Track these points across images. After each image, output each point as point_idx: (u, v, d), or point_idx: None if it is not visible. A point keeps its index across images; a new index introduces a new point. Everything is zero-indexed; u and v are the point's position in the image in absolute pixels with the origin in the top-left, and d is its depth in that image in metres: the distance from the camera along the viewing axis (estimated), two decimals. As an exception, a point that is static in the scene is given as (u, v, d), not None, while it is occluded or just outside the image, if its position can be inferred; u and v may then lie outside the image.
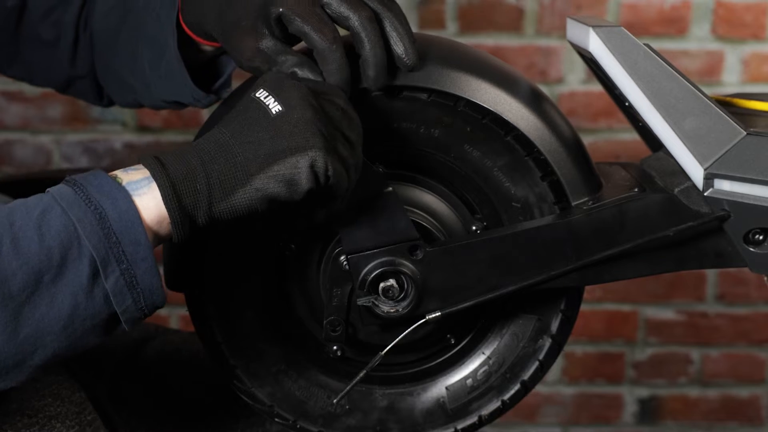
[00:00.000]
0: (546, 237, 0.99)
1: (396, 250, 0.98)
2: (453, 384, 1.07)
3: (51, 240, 0.80)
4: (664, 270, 1.01)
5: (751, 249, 0.99)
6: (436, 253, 0.99)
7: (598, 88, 1.41)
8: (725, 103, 1.07)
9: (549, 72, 2.10)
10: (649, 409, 2.30)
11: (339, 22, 0.93)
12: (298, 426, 1.06)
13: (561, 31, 2.06)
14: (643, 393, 2.29)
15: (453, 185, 1.03)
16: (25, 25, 1.20)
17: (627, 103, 0.99)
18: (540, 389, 2.23)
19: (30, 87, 2.08)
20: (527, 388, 1.06)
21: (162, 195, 0.83)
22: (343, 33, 0.94)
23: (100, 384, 1.16)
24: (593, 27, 0.96)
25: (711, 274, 2.21)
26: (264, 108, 0.87)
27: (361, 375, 0.98)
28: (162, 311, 1.13)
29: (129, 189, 0.83)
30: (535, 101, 1.00)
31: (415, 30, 2.08)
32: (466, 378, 1.07)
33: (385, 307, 0.99)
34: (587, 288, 1.06)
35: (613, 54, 0.96)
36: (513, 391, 1.06)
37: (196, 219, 0.85)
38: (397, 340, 0.98)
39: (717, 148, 0.96)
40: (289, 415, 1.06)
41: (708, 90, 1.04)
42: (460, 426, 1.07)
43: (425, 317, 0.99)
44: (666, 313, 2.24)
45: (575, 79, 2.10)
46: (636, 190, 1.01)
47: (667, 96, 0.96)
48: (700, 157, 0.96)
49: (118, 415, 1.16)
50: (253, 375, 1.04)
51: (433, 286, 0.99)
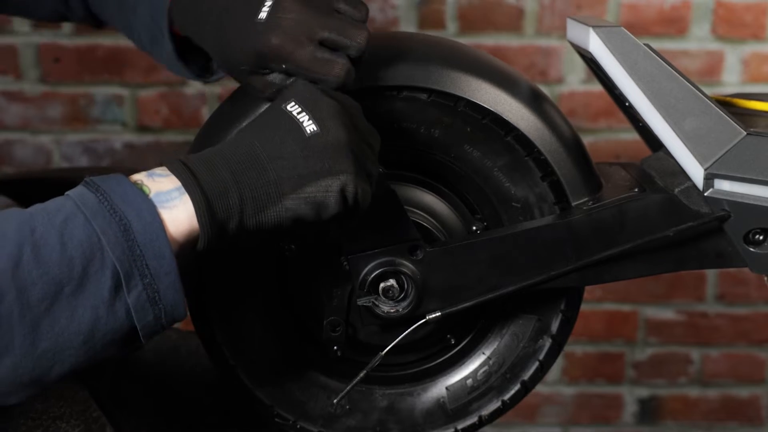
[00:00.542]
0: (546, 237, 0.99)
1: (396, 250, 0.99)
2: (453, 384, 1.07)
3: (73, 250, 0.78)
4: (664, 270, 1.01)
5: (751, 249, 0.99)
6: (436, 254, 0.99)
7: (598, 88, 1.41)
8: (725, 103, 1.07)
9: (549, 72, 2.10)
10: (649, 409, 2.30)
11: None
12: (298, 426, 1.06)
13: (561, 31, 2.06)
14: (643, 393, 2.29)
15: (453, 185, 1.03)
16: None
17: (627, 103, 0.99)
18: (540, 389, 2.23)
19: (30, 87, 2.08)
20: (527, 388, 1.06)
21: (195, 210, 0.82)
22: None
23: (100, 384, 1.16)
24: (593, 27, 0.96)
25: (711, 274, 2.21)
26: (297, 125, 0.85)
27: (361, 375, 0.98)
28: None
29: (158, 200, 0.81)
30: (535, 101, 1.00)
31: (415, 30, 2.08)
32: (466, 378, 1.07)
33: (385, 308, 0.99)
34: (587, 288, 1.06)
35: (613, 54, 0.96)
36: (513, 392, 1.06)
37: (225, 233, 0.84)
38: (398, 340, 0.98)
39: (717, 148, 0.96)
40: (289, 416, 1.06)
41: (708, 90, 1.04)
42: (460, 426, 1.07)
43: (425, 317, 0.99)
44: (666, 313, 2.23)
45: (575, 79, 2.10)
46: (636, 190, 1.01)
47: (667, 96, 0.96)
48: (700, 158, 0.96)
49: (120, 414, 1.16)
50: (253, 375, 1.04)
51: (434, 286, 0.99)
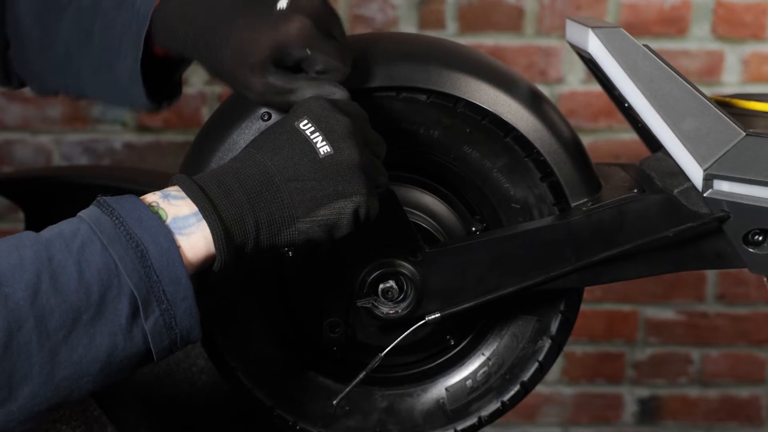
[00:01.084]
0: (545, 238, 0.99)
1: (395, 251, 0.98)
2: (453, 385, 1.07)
3: (91, 277, 0.78)
4: (663, 271, 1.01)
5: (751, 250, 0.99)
6: (435, 255, 0.99)
7: (598, 88, 1.40)
8: (725, 104, 1.07)
9: (549, 72, 2.10)
10: (649, 409, 2.30)
11: None
12: (298, 427, 1.06)
13: (561, 31, 2.06)
14: (643, 393, 2.29)
15: (452, 186, 1.03)
16: None
17: (626, 104, 0.99)
18: (540, 389, 2.22)
19: (30, 87, 2.08)
20: (527, 388, 1.06)
21: (213, 237, 0.82)
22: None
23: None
24: (592, 28, 0.96)
25: (711, 274, 2.20)
26: (311, 145, 0.85)
27: (361, 376, 0.98)
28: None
29: (175, 226, 0.82)
30: (535, 102, 1.00)
31: (415, 30, 2.08)
32: (465, 379, 1.07)
33: (385, 309, 0.99)
34: (587, 288, 1.06)
35: (613, 55, 0.96)
36: (513, 392, 1.06)
37: (241, 256, 0.85)
38: (397, 341, 0.98)
39: (716, 148, 0.96)
40: (289, 416, 1.06)
41: (708, 90, 1.04)
42: (459, 427, 1.06)
43: (425, 318, 0.99)
44: (666, 313, 2.23)
45: (575, 79, 2.10)
46: (635, 191, 1.01)
47: (667, 97, 0.96)
48: (699, 158, 0.96)
49: (120, 413, 1.16)
50: (253, 376, 1.04)
51: (433, 287, 0.99)
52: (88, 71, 1.05)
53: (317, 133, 0.86)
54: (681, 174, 0.99)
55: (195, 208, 0.83)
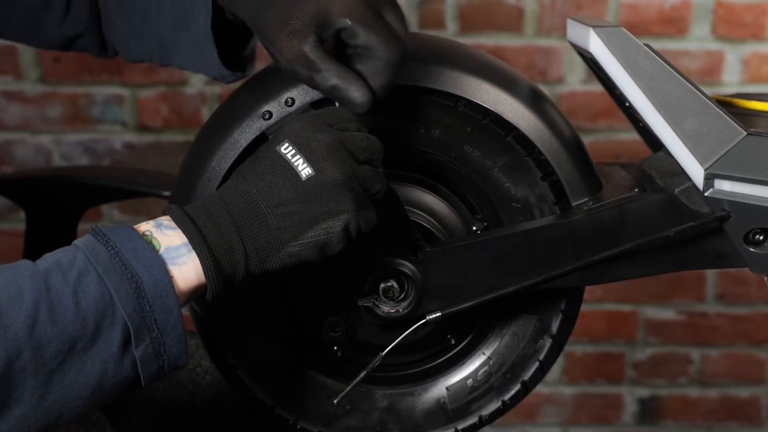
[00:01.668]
0: (546, 237, 0.99)
1: (396, 250, 0.98)
2: (453, 384, 1.07)
3: (87, 308, 0.80)
4: (664, 270, 1.01)
5: (752, 249, 0.99)
6: (436, 254, 0.99)
7: (598, 88, 1.41)
8: (725, 103, 1.07)
9: (549, 72, 2.10)
10: (649, 409, 2.30)
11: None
12: (298, 426, 1.06)
13: (561, 31, 2.06)
14: (643, 393, 2.29)
15: (453, 185, 1.03)
16: None
17: (627, 104, 0.99)
18: (540, 389, 2.23)
19: (30, 87, 2.08)
20: (527, 388, 1.06)
21: (204, 268, 0.84)
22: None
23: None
24: (593, 27, 0.96)
25: (711, 274, 2.21)
26: (292, 169, 0.86)
27: (362, 375, 0.98)
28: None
29: (168, 256, 0.83)
30: (536, 101, 1.00)
31: (415, 30, 2.08)
32: (466, 378, 1.07)
33: (386, 308, 0.99)
34: (587, 288, 1.06)
35: (614, 54, 0.96)
36: (513, 392, 1.06)
37: (232, 283, 0.86)
38: (398, 340, 0.98)
39: (717, 148, 0.96)
40: (290, 416, 1.06)
41: (708, 90, 1.04)
42: (460, 426, 1.06)
43: (425, 318, 0.99)
44: (666, 313, 2.23)
45: (575, 79, 2.10)
46: (636, 190, 1.01)
47: (667, 96, 0.96)
48: (700, 158, 0.96)
49: (121, 414, 1.16)
50: (254, 375, 1.04)
51: (434, 286, 0.99)
52: (167, 36, 1.06)
53: (298, 156, 0.86)
54: (682, 173, 0.99)
55: (185, 238, 0.84)
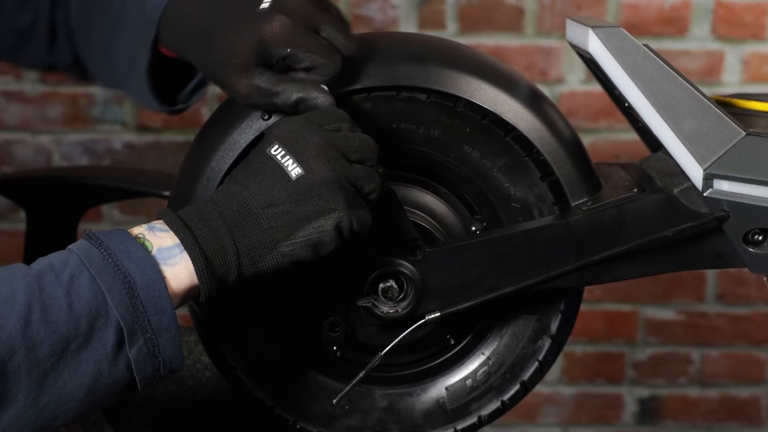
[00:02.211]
0: (545, 237, 0.99)
1: (396, 250, 0.99)
2: (453, 384, 1.07)
3: (80, 308, 0.80)
4: (663, 270, 1.01)
5: (751, 249, 0.99)
6: (435, 254, 0.99)
7: (598, 88, 1.40)
8: (725, 104, 1.07)
9: (549, 72, 2.10)
10: (649, 409, 2.30)
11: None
12: (298, 426, 1.06)
13: (561, 31, 2.06)
14: (643, 393, 2.29)
15: (452, 186, 1.03)
16: (2, 10, 1.14)
17: (626, 104, 0.99)
18: (540, 389, 2.23)
19: (30, 87, 2.08)
20: (527, 388, 1.06)
21: (196, 268, 0.84)
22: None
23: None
24: (592, 27, 0.96)
25: (711, 274, 2.21)
26: (282, 170, 0.86)
27: (361, 375, 0.98)
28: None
29: (160, 257, 0.84)
30: (535, 102, 1.00)
31: (415, 30, 2.08)
32: (465, 378, 1.07)
33: (385, 308, 0.99)
34: (587, 288, 1.06)
35: (613, 54, 0.96)
36: (513, 392, 1.06)
37: (225, 285, 0.86)
38: (397, 340, 0.98)
39: (716, 148, 0.96)
40: (289, 416, 1.06)
41: (708, 90, 1.04)
42: (459, 426, 1.07)
43: (425, 318, 0.99)
44: (666, 313, 2.23)
45: (575, 79, 2.10)
46: (635, 190, 1.01)
47: (667, 96, 0.96)
48: (699, 158, 0.96)
49: (121, 414, 1.16)
50: (253, 375, 1.04)
51: (433, 286, 0.99)
52: (121, 65, 1.07)
53: (287, 157, 0.87)
54: (681, 174, 0.99)
55: (177, 240, 0.85)
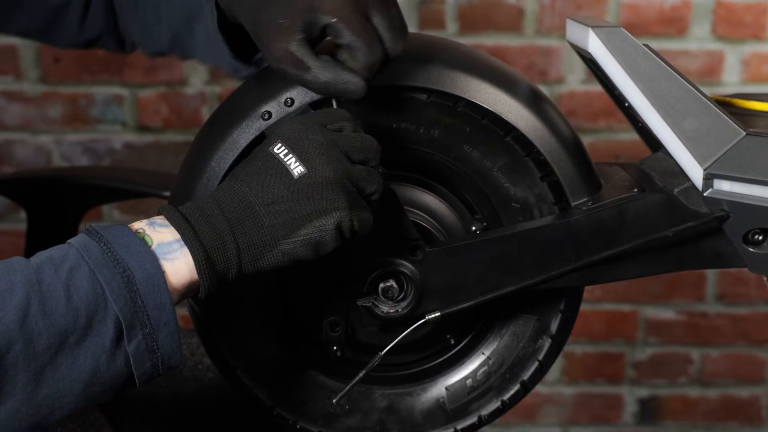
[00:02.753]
0: (545, 237, 0.99)
1: (396, 250, 0.99)
2: (453, 384, 1.07)
3: (78, 301, 0.80)
4: (663, 270, 1.01)
5: (751, 249, 0.99)
6: (435, 254, 0.99)
7: (598, 88, 1.41)
8: (725, 104, 1.07)
9: (549, 72, 2.10)
10: (649, 409, 2.30)
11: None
12: (298, 426, 1.06)
13: (561, 31, 2.06)
14: (643, 393, 2.29)
15: (452, 186, 1.03)
16: None
17: (627, 104, 0.99)
18: (540, 389, 2.23)
19: (30, 87, 2.08)
20: (527, 388, 1.06)
21: (195, 263, 0.84)
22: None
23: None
24: (593, 27, 0.96)
25: (711, 274, 2.21)
26: (285, 168, 0.86)
27: (361, 375, 0.98)
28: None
29: (159, 251, 0.84)
30: (535, 102, 1.00)
31: (415, 30, 2.08)
32: (465, 378, 1.07)
33: (385, 308, 0.99)
34: (587, 288, 1.06)
35: (613, 54, 0.96)
36: (513, 392, 1.06)
37: (225, 281, 0.86)
38: (397, 340, 0.98)
39: (716, 148, 0.96)
40: (289, 416, 1.06)
41: (708, 90, 1.04)
42: (459, 426, 1.07)
43: (425, 318, 0.99)
44: (666, 313, 2.23)
45: (575, 79, 2.10)
46: (635, 190, 1.01)
47: (667, 96, 0.96)
48: (699, 158, 0.96)
49: (122, 415, 1.16)
50: (253, 375, 1.04)
51: (433, 286, 0.99)
52: (182, 30, 1.07)
53: (290, 155, 0.87)
54: (681, 173, 0.99)
55: (178, 234, 0.85)
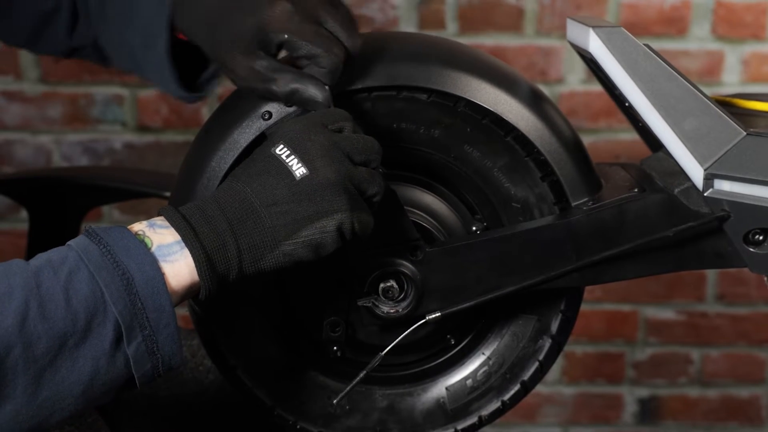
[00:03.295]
0: (546, 237, 0.99)
1: (396, 250, 0.98)
2: (453, 384, 1.07)
3: (78, 304, 0.80)
4: (663, 270, 1.01)
5: (751, 249, 0.99)
6: (436, 254, 0.99)
7: (598, 88, 1.41)
8: (725, 104, 1.07)
9: (549, 72, 2.10)
10: (649, 409, 2.30)
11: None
12: (298, 426, 1.06)
13: (561, 31, 2.06)
14: (643, 393, 2.29)
15: (453, 186, 1.03)
16: None
17: (627, 104, 0.99)
18: (540, 389, 2.23)
19: (30, 87, 2.08)
20: (527, 388, 1.06)
21: (196, 265, 0.84)
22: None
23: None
24: (593, 27, 0.96)
25: (711, 274, 2.21)
26: (287, 169, 0.86)
27: (361, 375, 0.98)
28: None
29: (160, 254, 0.83)
30: (535, 101, 1.00)
31: (415, 30, 2.08)
32: (466, 378, 1.07)
33: (385, 308, 0.99)
34: (587, 288, 1.06)
35: (613, 54, 0.96)
36: (513, 392, 1.06)
37: (226, 282, 0.86)
38: (397, 340, 0.98)
39: (717, 148, 0.96)
40: (290, 416, 1.06)
41: (708, 90, 1.04)
42: (460, 426, 1.06)
43: (425, 318, 0.99)
44: (666, 313, 2.23)
45: (575, 79, 2.10)
46: (636, 190, 1.01)
47: (667, 96, 0.96)
48: (699, 158, 0.96)
49: (121, 416, 1.16)
50: (253, 375, 1.04)
51: (433, 286, 0.99)
52: (138, 53, 1.07)
53: (292, 156, 0.87)
54: (681, 173, 0.99)
55: (178, 236, 0.84)
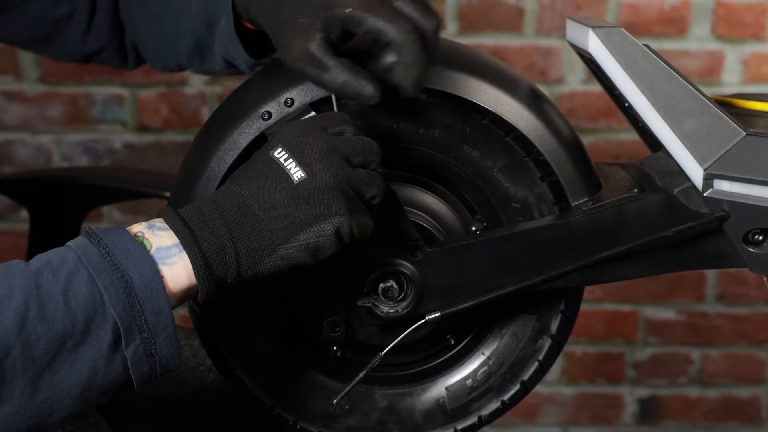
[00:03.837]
0: (545, 237, 0.99)
1: (396, 250, 0.99)
2: (453, 384, 1.07)
3: (77, 306, 0.80)
4: (663, 270, 1.01)
5: (751, 249, 0.99)
6: (435, 254, 0.99)
7: (598, 88, 1.41)
8: (725, 104, 1.07)
9: (549, 72, 2.10)
10: (649, 409, 2.30)
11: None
12: (298, 426, 1.06)
13: (561, 31, 2.06)
14: (643, 393, 2.29)
15: (452, 186, 1.03)
16: (39, 2, 1.15)
17: (627, 104, 0.99)
18: (540, 389, 2.23)
19: (30, 87, 2.09)
20: (527, 388, 1.06)
21: (194, 268, 0.84)
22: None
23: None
24: (593, 27, 0.96)
25: (711, 274, 2.21)
26: (285, 173, 0.86)
27: (361, 375, 0.98)
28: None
29: (158, 256, 0.84)
30: (535, 102, 1.00)
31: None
32: (465, 378, 1.07)
33: (385, 308, 0.99)
34: (587, 288, 1.06)
35: (613, 54, 0.96)
36: (513, 392, 1.06)
37: (223, 285, 0.86)
38: (397, 340, 0.98)
39: (716, 148, 0.96)
40: (289, 416, 1.06)
41: (708, 90, 1.04)
42: (459, 426, 1.07)
43: (425, 318, 0.99)
44: (666, 313, 2.24)
45: (575, 79, 2.10)
46: (635, 190, 1.01)
47: (667, 96, 0.96)
48: (699, 158, 0.96)
49: (121, 415, 1.16)
50: (253, 376, 1.04)
51: (433, 286, 0.99)
52: (203, 34, 1.07)
53: (290, 160, 0.87)
54: (681, 174, 0.99)
55: (176, 239, 0.84)
